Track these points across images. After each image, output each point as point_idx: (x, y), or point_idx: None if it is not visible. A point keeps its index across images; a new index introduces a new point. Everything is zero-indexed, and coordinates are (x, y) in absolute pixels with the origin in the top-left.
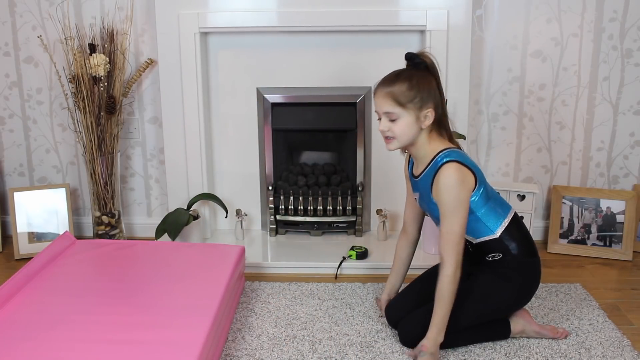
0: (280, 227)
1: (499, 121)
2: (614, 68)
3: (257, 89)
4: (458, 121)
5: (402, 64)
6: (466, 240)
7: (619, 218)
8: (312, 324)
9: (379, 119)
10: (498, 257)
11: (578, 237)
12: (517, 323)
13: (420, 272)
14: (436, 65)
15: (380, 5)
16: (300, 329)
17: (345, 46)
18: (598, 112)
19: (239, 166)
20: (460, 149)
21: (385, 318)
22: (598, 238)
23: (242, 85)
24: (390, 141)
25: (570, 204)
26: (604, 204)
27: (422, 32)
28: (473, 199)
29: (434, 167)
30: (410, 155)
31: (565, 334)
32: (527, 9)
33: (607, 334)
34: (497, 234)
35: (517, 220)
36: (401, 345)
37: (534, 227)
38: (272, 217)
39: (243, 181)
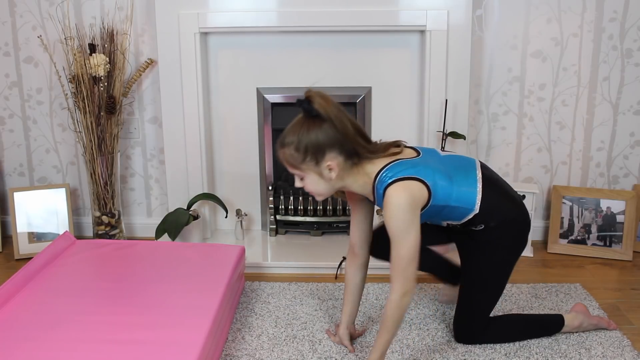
0: (280, 227)
1: (499, 121)
2: (614, 68)
3: (257, 89)
4: (458, 121)
5: (402, 64)
6: (451, 224)
7: (619, 218)
8: (312, 324)
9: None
10: (481, 228)
11: (578, 237)
12: (575, 318)
13: None
14: (327, 103)
15: (380, 5)
16: (300, 329)
17: (345, 46)
18: (598, 112)
19: (239, 166)
20: (396, 151)
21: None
22: (598, 238)
23: (242, 85)
24: (314, 195)
25: (570, 204)
26: (604, 204)
27: (422, 32)
28: (436, 202)
29: (380, 194)
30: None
31: (615, 326)
32: (527, 9)
33: (607, 334)
34: (477, 209)
35: (487, 178)
36: (401, 346)
37: (534, 227)
38: (272, 217)
39: (243, 181)
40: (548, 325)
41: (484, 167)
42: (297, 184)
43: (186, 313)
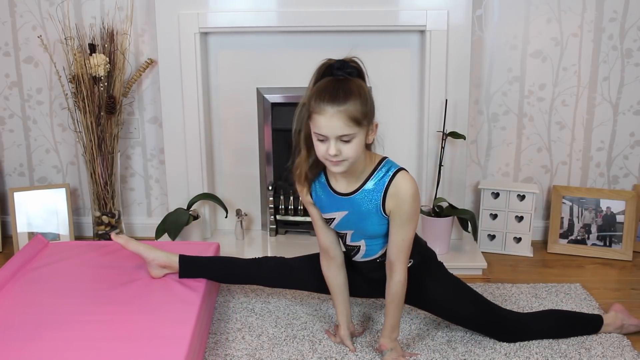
0: (280, 227)
1: (499, 121)
2: (614, 68)
3: (257, 89)
4: (458, 121)
5: (402, 64)
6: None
7: (619, 218)
8: (312, 324)
9: (321, 140)
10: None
11: (578, 237)
12: (616, 317)
13: None
14: (364, 71)
15: (380, 5)
16: (300, 329)
17: (345, 46)
18: (598, 112)
19: (239, 166)
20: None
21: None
22: (598, 238)
23: (242, 85)
24: (340, 163)
25: (570, 204)
26: (604, 204)
27: (422, 32)
28: None
29: (382, 179)
30: (308, 177)
31: None
32: (527, 9)
33: (607, 333)
34: None
35: None
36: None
37: (534, 227)
38: (272, 217)
39: (243, 181)
40: (588, 321)
41: None
42: (334, 149)
43: (171, 307)
